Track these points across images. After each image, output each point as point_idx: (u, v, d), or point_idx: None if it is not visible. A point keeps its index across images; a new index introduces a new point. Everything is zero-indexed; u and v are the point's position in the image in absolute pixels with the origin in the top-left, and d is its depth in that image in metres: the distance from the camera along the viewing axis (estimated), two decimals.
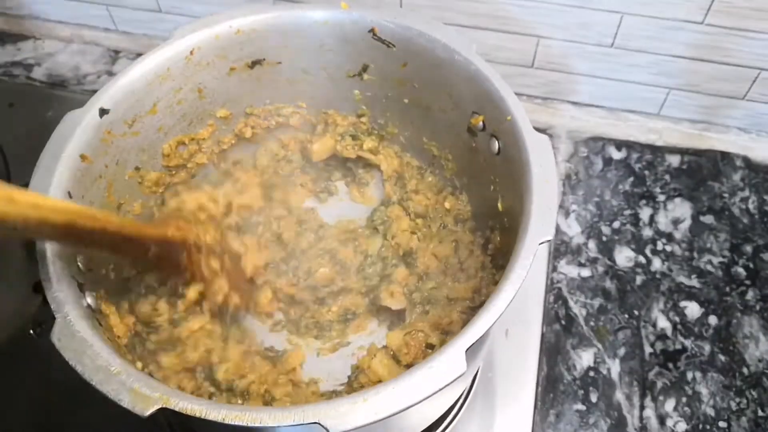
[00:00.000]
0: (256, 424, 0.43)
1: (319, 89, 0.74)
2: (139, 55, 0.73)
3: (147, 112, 0.66)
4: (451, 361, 0.44)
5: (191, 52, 0.66)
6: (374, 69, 0.70)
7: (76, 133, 0.59)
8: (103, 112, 0.61)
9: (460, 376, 0.43)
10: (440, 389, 0.43)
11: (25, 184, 0.81)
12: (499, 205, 0.64)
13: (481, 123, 0.63)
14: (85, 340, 0.47)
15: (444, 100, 0.67)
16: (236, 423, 0.43)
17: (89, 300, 0.54)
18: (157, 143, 0.68)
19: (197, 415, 0.43)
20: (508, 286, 0.48)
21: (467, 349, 0.44)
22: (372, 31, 0.66)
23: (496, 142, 0.61)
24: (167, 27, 1.03)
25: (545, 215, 0.51)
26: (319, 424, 0.42)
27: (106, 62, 1.05)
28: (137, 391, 0.44)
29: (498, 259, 0.65)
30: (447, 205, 0.74)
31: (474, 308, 0.64)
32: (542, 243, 0.50)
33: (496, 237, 0.66)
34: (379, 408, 0.42)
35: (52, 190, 0.55)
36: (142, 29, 1.06)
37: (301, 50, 0.70)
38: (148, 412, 0.43)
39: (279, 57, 0.70)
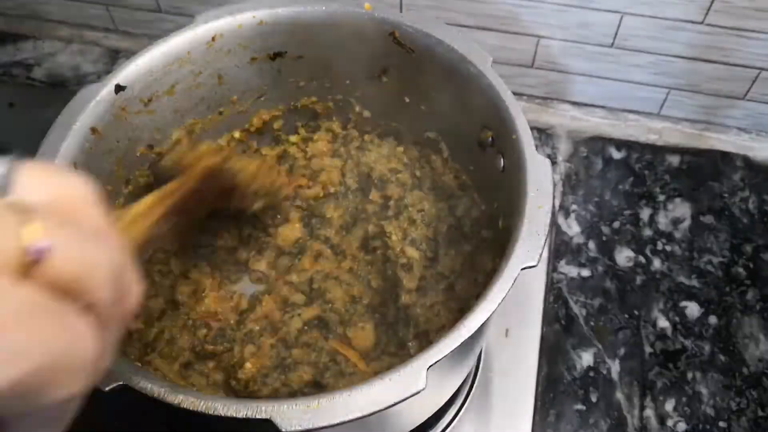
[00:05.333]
0: (210, 413, 0.43)
1: (338, 87, 0.75)
2: None
3: (164, 92, 0.66)
4: (411, 376, 0.44)
5: (213, 39, 0.66)
6: (393, 72, 0.70)
7: (89, 107, 0.60)
8: (119, 88, 0.62)
9: (417, 393, 0.43)
10: (396, 404, 0.43)
11: None
12: (500, 223, 0.63)
13: (489, 138, 0.63)
14: None
15: (457, 111, 0.67)
16: (191, 409, 0.43)
17: None
18: (173, 123, 0.69)
19: (155, 396, 0.44)
20: (483, 308, 0.47)
21: (430, 367, 0.44)
22: (392, 34, 0.66)
23: (502, 159, 0.61)
24: (167, 27, 1.03)
25: (533, 241, 0.50)
26: (271, 420, 0.42)
27: (106, 62, 1.05)
28: None
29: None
30: (458, 212, 0.73)
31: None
32: (525, 269, 0.49)
33: (496, 256, 0.66)
34: (332, 414, 0.43)
35: (58, 160, 0.56)
36: (142, 29, 1.06)
37: (322, 47, 0.70)
38: (108, 387, 0.44)
39: (300, 51, 0.71)
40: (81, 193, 0.28)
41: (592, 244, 0.84)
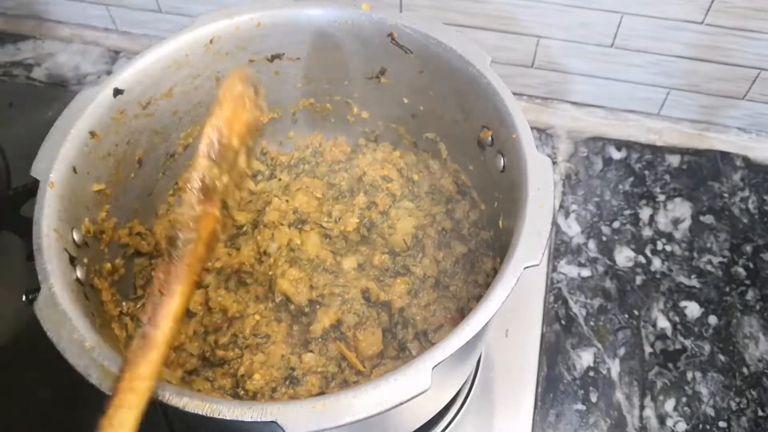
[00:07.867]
0: (215, 416, 0.43)
1: (337, 88, 0.74)
2: None
3: (163, 95, 0.66)
4: (416, 376, 0.44)
5: (211, 41, 0.66)
6: (391, 73, 0.70)
7: (87, 111, 0.60)
8: (117, 92, 0.62)
9: (422, 392, 0.43)
10: (401, 403, 0.43)
11: (25, 184, 0.82)
12: (501, 222, 0.63)
13: (489, 138, 0.63)
14: (66, 313, 0.48)
15: (456, 111, 0.67)
16: (196, 411, 0.43)
17: (79, 273, 0.54)
18: (171, 127, 0.69)
19: (160, 398, 0.44)
20: (486, 307, 0.47)
21: (435, 366, 0.44)
22: (391, 35, 0.66)
23: (502, 158, 0.61)
24: (167, 27, 1.03)
25: (535, 240, 0.50)
26: (276, 423, 0.42)
27: (106, 62, 1.05)
28: (106, 369, 0.45)
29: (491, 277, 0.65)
30: (456, 215, 0.73)
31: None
32: (527, 267, 0.49)
33: (496, 256, 0.66)
34: (337, 415, 0.42)
35: (57, 163, 0.56)
36: (142, 29, 1.06)
37: (320, 48, 0.70)
38: (110, 389, 0.43)
39: (298, 53, 0.71)
40: None
41: (592, 244, 0.84)
